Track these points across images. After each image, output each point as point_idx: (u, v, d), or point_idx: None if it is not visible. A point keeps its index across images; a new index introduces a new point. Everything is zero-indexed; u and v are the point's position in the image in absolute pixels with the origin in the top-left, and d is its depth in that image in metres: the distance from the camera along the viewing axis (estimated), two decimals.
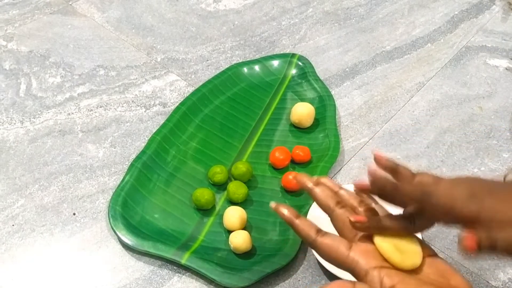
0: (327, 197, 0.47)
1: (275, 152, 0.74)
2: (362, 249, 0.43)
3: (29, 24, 0.99)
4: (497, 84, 0.90)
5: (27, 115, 0.82)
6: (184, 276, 0.64)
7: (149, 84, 0.88)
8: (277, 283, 0.63)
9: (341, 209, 0.46)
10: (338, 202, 0.47)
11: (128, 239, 0.65)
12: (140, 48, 0.95)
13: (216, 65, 0.92)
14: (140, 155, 0.74)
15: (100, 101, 0.85)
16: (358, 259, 0.43)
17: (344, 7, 1.06)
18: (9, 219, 0.69)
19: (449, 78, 0.91)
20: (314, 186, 0.49)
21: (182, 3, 1.05)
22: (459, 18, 1.03)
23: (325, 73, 0.91)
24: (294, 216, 0.46)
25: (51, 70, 0.90)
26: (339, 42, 0.98)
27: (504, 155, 0.78)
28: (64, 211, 0.70)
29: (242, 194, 0.69)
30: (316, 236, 0.44)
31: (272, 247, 0.65)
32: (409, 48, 0.97)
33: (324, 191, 0.48)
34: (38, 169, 0.75)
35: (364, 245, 0.44)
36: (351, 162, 0.77)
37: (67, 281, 0.63)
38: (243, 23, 1.01)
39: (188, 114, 0.80)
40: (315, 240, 0.44)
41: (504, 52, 0.96)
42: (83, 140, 0.79)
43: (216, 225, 0.68)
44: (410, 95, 0.88)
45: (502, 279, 0.64)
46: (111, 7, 1.03)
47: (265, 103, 0.84)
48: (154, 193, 0.71)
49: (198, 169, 0.74)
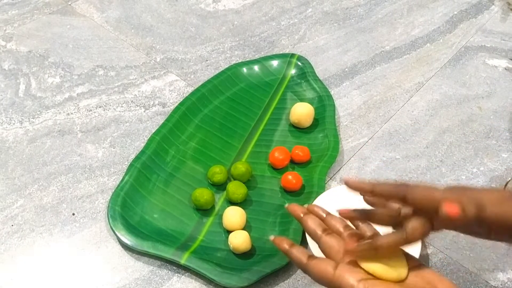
0: (315, 225, 0.51)
1: (274, 152, 0.74)
2: (347, 267, 0.45)
3: (28, 24, 0.99)
4: (496, 84, 0.90)
5: (26, 115, 0.82)
6: (183, 276, 0.64)
7: (149, 84, 0.88)
8: (277, 283, 0.63)
9: (327, 236, 0.49)
10: (324, 230, 0.50)
11: (127, 239, 0.65)
12: (139, 48, 0.95)
13: (216, 65, 0.92)
14: (140, 155, 0.74)
15: (99, 101, 0.85)
16: (344, 275, 0.44)
17: (344, 7, 1.06)
18: (8, 219, 0.69)
19: (448, 78, 0.91)
20: (304, 216, 0.52)
21: (182, 3, 1.05)
22: (458, 18, 1.03)
23: (324, 73, 0.91)
24: (289, 245, 0.50)
25: (50, 70, 0.90)
26: (338, 42, 0.98)
27: (503, 155, 0.78)
28: (64, 211, 0.70)
29: (242, 194, 0.69)
30: (307, 261, 0.47)
31: (272, 247, 0.65)
32: (408, 48, 0.97)
33: (312, 220, 0.52)
34: (37, 169, 0.75)
35: (349, 264, 0.46)
36: (351, 162, 0.77)
37: (67, 281, 0.63)
38: (243, 23, 1.01)
39: (187, 114, 0.80)
40: (306, 264, 0.47)
41: (503, 52, 0.96)
42: (82, 140, 0.79)
43: (215, 225, 0.68)
44: (410, 95, 0.88)
45: (501, 279, 0.64)
46: (110, 7, 1.03)
47: (264, 103, 0.84)
48: (154, 193, 0.71)
49: (198, 169, 0.74)
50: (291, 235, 0.66)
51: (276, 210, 0.70)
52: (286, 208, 0.54)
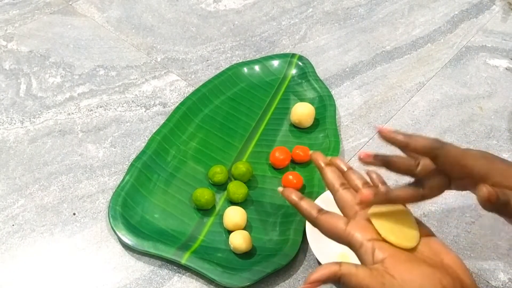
0: (334, 178, 0.50)
1: (275, 152, 0.74)
2: (359, 224, 0.45)
3: (29, 24, 0.99)
4: (497, 84, 0.90)
5: (27, 115, 0.82)
6: (184, 276, 0.64)
7: (149, 84, 0.88)
8: (277, 283, 0.63)
9: (344, 190, 0.49)
10: (342, 184, 0.49)
11: (128, 239, 0.65)
12: (140, 48, 0.95)
13: (216, 65, 0.92)
14: (140, 155, 0.74)
15: (100, 101, 0.85)
16: (354, 232, 0.44)
17: (344, 7, 1.06)
18: (9, 219, 0.69)
19: (449, 78, 0.91)
20: (325, 166, 0.51)
21: (182, 3, 1.05)
22: (459, 18, 1.03)
23: (325, 73, 0.91)
24: (298, 198, 0.49)
25: (51, 70, 0.90)
26: (339, 42, 0.98)
27: (504, 155, 0.78)
28: (64, 211, 0.70)
29: (242, 194, 0.69)
30: (317, 214, 0.47)
31: (272, 247, 0.65)
32: (409, 48, 0.97)
33: (333, 172, 0.51)
34: (38, 169, 0.75)
35: (362, 221, 0.45)
36: (351, 162, 0.77)
37: (67, 281, 0.63)
38: (243, 23, 1.01)
39: (188, 114, 0.80)
40: (316, 218, 0.47)
41: (504, 52, 0.96)
42: (83, 140, 0.79)
43: (216, 225, 0.68)
44: (410, 95, 0.88)
45: (502, 279, 0.64)
46: (111, 7, 1.04)
47: (265, 103, 0.84)
48: (154, 193, 0.71)
49: (198, 169, 0.74)
50: (292, 235, 0.66)
51: (277, 210, 0.70)
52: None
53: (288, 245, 0.65)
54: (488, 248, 0.67)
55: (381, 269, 0.41)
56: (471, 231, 0.69)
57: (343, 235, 0.45)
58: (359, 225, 0.45)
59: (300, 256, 0.66)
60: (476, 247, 0.67)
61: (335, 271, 0.41)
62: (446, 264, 0.43)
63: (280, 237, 0.67)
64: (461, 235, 0.69)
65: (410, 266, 0.41)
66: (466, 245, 0.67)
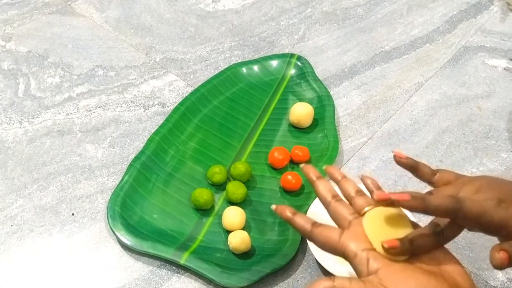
0: (326, 191, 0.51)
1: (274, 152, 0.74)
2: (353, 234, 0.45)
3: (27, 24, 0.99)
4: (496, 84, 0.90)
5: (25, 115, 0.82)
6: (183, 276, 0.64)
7: (148, 84, 0.88)
8: (276, 283, 0.63)
9: (336, 202, 0.49)
10: (334, 196, 0.50)
11: (127, 239, 0.65)
12: (139, 48, 0.95)
13: (215, 65, 0.92)
14: (139, 155, 0.74)
15: (99, 101, 0.85)
16: (348, 242, 0.44)
17: (343, 7, 1.06)
18: (7, 219, 0.69)
19: (447, 78, 0.91)
20: (316, 179, 0.52)
21: (181, 3, 1.05)
22: (457, 18, 1.03)
23: (324, 73, 0.91)
24: (292, 213, 0.50)
25: (50, 70, 0.90)
26: (338, 42, 0.98)
27: (503, 155, 0.78)
28: (63, 211, 0.70)
29: (241, 194, 0.69)
30: (311, 228, 0.47)
31: (271, 247, 0.65)
32: (408, 48, 0.97)
33: (324, 185, 0.51)
34: (36, 169, 0.75)
35: (356, 231, 0.45)
36: (350, 162, 0.77)
37: (66, 282, 0.63)
38: (242, 23, 1.01)
39: (187, 114, 0.80)
40: (311, 232, 0.47)
41: (503, 52, 0.96)
42: (82, 140, 0.79)
43: (215, 225, 0.68)
44: (409, 95, 0.88)
45: (500, 279, 0.64)
46: (110, 7, 1.03)
47: (264, 103, 0.84)
48: (153, 193, 0.71)
49: (197, 169, 0.74)
50: (291, 235, 0.66)
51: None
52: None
53: (287, 245, 0.65)
54: (487, 248, 0.66)
55: (376, 281, 0.41)
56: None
57: (337, 246, 0.45)
58: (353, 235, 0.45)
59: (299, 256, 0.66)
60: (475, 247, 0.67)
61: (329, 287, 0.42)
62: (445, 270, 0.43)
63: (279, 237, 0.67)
64: (460, 235, 0.68)
65: (405, 276, 0.41)
66: (465, 245, 0.67)
